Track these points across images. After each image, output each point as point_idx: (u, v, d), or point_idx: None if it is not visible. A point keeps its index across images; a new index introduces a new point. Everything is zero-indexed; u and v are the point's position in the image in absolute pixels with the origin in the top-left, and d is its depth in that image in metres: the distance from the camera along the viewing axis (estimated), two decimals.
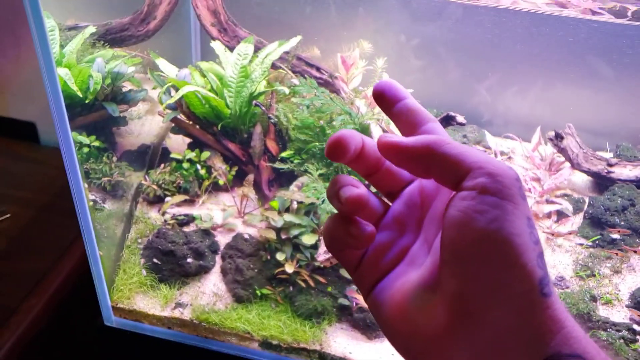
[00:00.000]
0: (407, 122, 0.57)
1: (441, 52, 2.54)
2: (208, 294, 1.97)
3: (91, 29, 1.93)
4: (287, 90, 1.93)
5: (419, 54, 2.53)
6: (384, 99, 0.56)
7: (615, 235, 1.95)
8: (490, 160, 0.49)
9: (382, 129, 2.18)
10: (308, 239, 1.89)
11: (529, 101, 2.49)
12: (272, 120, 2.01)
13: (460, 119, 1.88)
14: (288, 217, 1.91)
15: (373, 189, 0.64)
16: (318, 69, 2.28)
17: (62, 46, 1.91)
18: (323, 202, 1.90)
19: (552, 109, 2.47)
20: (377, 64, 2.40)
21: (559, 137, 2.14)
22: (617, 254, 1.90)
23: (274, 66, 2.19)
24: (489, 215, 0.46)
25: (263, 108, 1.98)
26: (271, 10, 2.51)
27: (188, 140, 2.16)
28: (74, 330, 2.06)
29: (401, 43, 2.51)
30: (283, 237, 1.92)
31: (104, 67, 1.90)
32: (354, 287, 1.90)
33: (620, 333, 1.80)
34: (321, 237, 1.91)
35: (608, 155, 2.30)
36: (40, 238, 2.08)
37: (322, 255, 1.84)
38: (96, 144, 1.95)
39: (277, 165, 1.97)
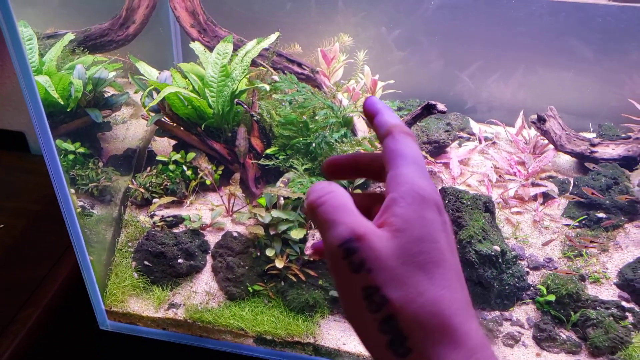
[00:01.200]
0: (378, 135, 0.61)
1: (422, 42, 2.56)
2: (201, 293, 1.99)
3: (70, 36, 1.94)
4: (268, 87, 1.95)
5: (400, 45, 2.54)
6: (366, 116, 0.65)
7: (601, 215, 1.97)
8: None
9: (366, 121, 2.19)
10: (296, 234, 1.91)
11: (511, 86, 2.51)
12: (255, 118, 2.02)
13: (440, 107, 1.90)
14: (276, 213, 1.92)
15: None
16: (299, 65, 2.29)
17: (41, 54, 1.92)
18: None
19: (534, 93, 2.49)
20: (359, 57, 2.41)
21: (541, 120, 2.15)
22: (589, 243, 1.92)
23: (254, 64, 2.20)
24: None
25: (245, 106, 1.99)
26: (251, 9, 2.52)
27: (173, 142, 2.17)
28: (71, 336, 2.07)
29: (382, 35, 2.53)
30: (272, 232, 1.94)
31: (85, 74, 1.91)
32: None
33: (609, 311, 1.83)
34: (309, 231, 1.93)
35: (591, 135, 2.33)
36: (34, 247, 2.09)
37: (310, 248, 1.85)
38: (81, 150, 1.96)
39: (263, 162, 1.98)
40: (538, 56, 2.42)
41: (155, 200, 2.00)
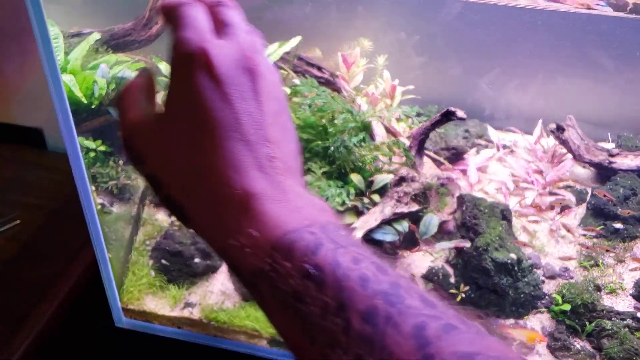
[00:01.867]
0: None
1: (442, 49, 2.56)
2: (216, 293, 2.00)
3: (96, 36, 1.97)
4: (288, 90, 1.96)
5: (419, 51, 2.55)
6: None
7: (618, 225, 1.97)
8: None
9: (384, 126, 2.21)
10: None
11: (530, 95, 2.51)
12: None
13: (460, 113, 1.91)
14: None
15: None
16: (319, 69, 2.31)
17: (66, 53, 1.94)
18: (327, 199, 1.93)
19: (553, 102, 2.49)
20: (378, 62, 2.42)
21: (560, 129, 2.16)
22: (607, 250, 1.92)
23: (275, 65, 2.22)
24: None
25: None
26: (270, 11, 2.54)
27: None
28: (86, 333, 2.10)
29: (401, 40, 2.54)
30: None
31: (108, 73, 1.93)
32: None
33: (624, 322, 1.82)
34: None
35: (610, 146, 2.32)
36: (50, 243, 2.12)
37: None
38: (102, 148, 1.99)
39: None
40: (557, 65, 2.42)
41: None
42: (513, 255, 1.87)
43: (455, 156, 2.25)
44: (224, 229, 0.43)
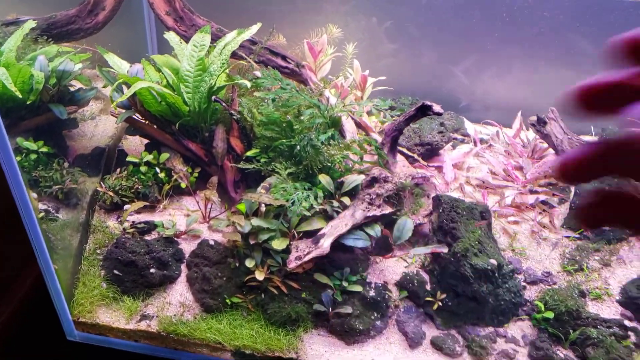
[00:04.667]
0: None
1: (415, 34, 2.34)
2: (175, 304, 1.80)
3: (31, 24, 1.71)
4: (249, 84, 1.73)
5: (392, 37, 2.34)
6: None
7: (604, 227, 1.79)
8: None
9: (355, 121, 1.99)
10: (278, 244, 1.72)
11: (508, 83, 2.32)
12: (234, 117, 1.81)
13: (436, 108, 1.70)
14: (256, 222, 1.73)
15: None
16: (284, 58, 2.08)
17: None
18: (293, 203, 1.72)
19: (533, 91, 2.31)
20: (348, 50, 2.20)
21: (541, 122, 1.97)
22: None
23: (235, 56, 1.98)
24: None
25: (224, 104, 1.78)
26: None
27: (146, 141, 1.95)
28: (38, 347, 1.88)
29: (373, 26, 2.32)
30: (251, 242, 1.75)
31: (47, 66, 1.68)
32: (330, 292, 1.73)
33: (611, 329, 1.68)
34: (292, 242, 1.73)
35: (594, 139, 2.14)
36: (3, 248, 1.88)
37: (294, 262, 1.66)
38: (44, 149, 1.75)
39: (242, 165, 1.77)
40: (538, 52, 2.22)
41: (126, 206, 1.80)
42: (493, 261, 1.69)
43: (431, 152, 2.05)
44: None
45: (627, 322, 1.69)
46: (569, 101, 0.39)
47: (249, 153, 1.81)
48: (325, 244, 1.71)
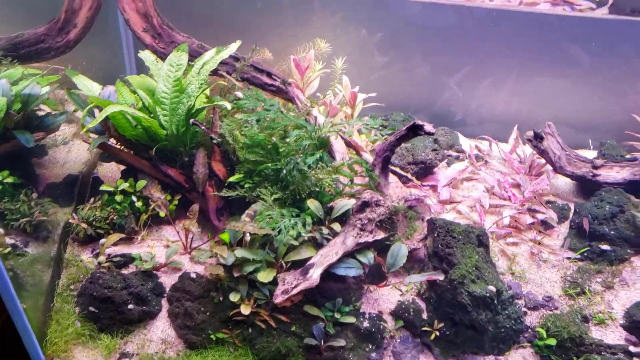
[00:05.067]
0: None
1: (407, 46, 2.24)
2: (156, 341, 1.69)
3: None
4: (229, 106, 1.62)
5: (382, 49, 2.23)
6: None
7: (606, 247, 1.70)
8: None
9: (345, 140, 1.89)
10: (265, 276, 1.61)
11: (504, 95, 2.23)
12: (215, 141, 1.69)
13: (428, 128, 1.60)
14: (240, 253, 1.62)
15: None
16: (269, 75, 1.97)
17: None
18: (279, 232, 1.61)
19: (529, 103, 2.22)
20: (337, 65, 2.09)
21: (538, 137, 1.88)
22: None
23: (217, 73, 1.87)
24: None
25: (203, 128, 1.66)
26: (216, 8, 2.17)
27: (123, 166, 1.83)
28: None
29: (362, 39, 2.21)
30: (236, 274, 1.63)
31: (10, 90, 1.56)
32: (321, 324, 1.62)
33: (615, 356, 1.60)
34: (279, 274, 1.62)
35: (591, 153, 2.07)
36: None
37: (280, 296, 1.55)
38: (10, 179, 1.62)
39: (225, 193, 1.66)
40: (533, 64, 2.13)
41: (102, 241, 1.68)
42: (492, 288, 1.60)
43: (424, 171, 1.96)
44: None
45: (632, 348, 1.60)
46: None
47: (231, 179, 1.70)
48: (314, 276, 1.61)
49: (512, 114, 2.21)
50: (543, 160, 1.95)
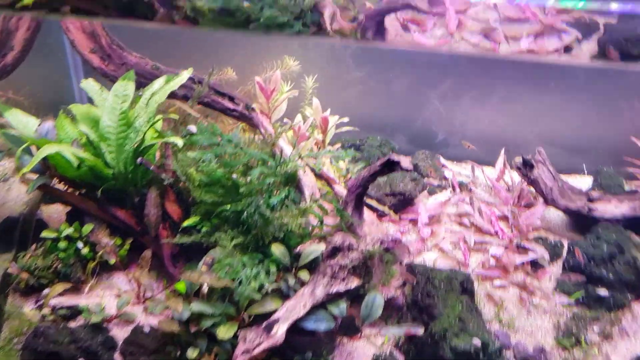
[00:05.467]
0: None
1: (383, 59, 2.04)
2: None
3: None
4: (180, 143, 1.43)
5: (358, 63, 2.03)
6: None
7: (603, 292, 1.54)
8: None
9: (315, 173, 1.70)
10: (224, 332, 1.44)
11: (489, 114, 2.04)
12: (166, 182, 1.51)
13: (405, 164, 1.43)
14: (197, 306, 1.45)
15: None
16: (231, 99, 1.78)
17: None
18: (240, 283, 1.44)
19: (517, 123, 2.03)
20: (307, 83, 1.90)
21: (528, 165, 1.70)
22: None
23: (173, 96, 1.68)
24: None
25: (152, 167, 1.48)
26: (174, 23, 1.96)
27: (69, 207, 1.64)
28: None
29: (336, 52, 2.01)
30: (193, 329, 1.46)
31: None
32: None
33: None
34: (241, 330, 1.45)
35: (586, 179, 1.89)
36: None
37: (241, 356, 1.38)
38: None
39: (178, 240, 1.48)
40: (520, 80, 1.94)
41: (45, 291, 1.50)
42: (477, 341, 1.44)
43: (403, 203, 1.78)
44: None
45: None
46: None
47: (186, 222, 1.52)
48: (279, 332, 1.44)
49: (497, 132, 2.03)
50: (533, 189, 1.77)
